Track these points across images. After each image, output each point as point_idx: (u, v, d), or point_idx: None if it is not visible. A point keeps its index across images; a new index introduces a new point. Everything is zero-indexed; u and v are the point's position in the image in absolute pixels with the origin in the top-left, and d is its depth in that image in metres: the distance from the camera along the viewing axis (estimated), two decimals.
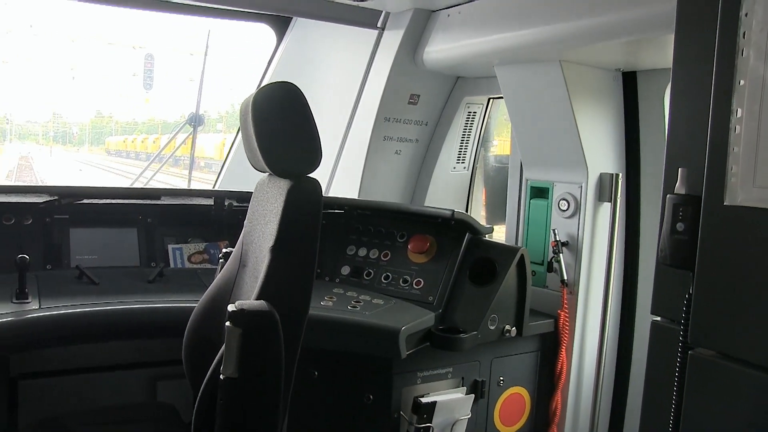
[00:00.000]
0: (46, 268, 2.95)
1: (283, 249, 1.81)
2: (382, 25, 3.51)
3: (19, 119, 36.30)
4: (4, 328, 2.29)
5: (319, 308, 2.71)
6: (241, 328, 1.64)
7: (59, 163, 28.51)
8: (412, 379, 2.74)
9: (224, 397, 1.68)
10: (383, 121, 3.58)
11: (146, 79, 17.39)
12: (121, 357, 2.82)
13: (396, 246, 3.08)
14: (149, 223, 3.23)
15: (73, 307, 2.49)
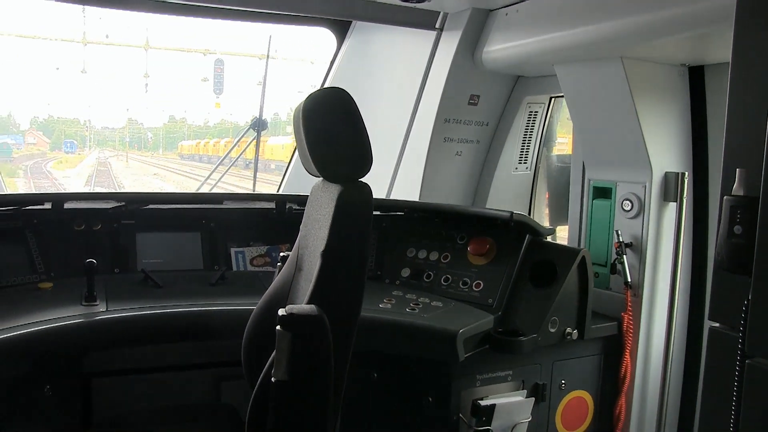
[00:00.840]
0: (114, 272, 3.07)
1: (334, 254, 1.83)
2: (441, 25, 3.51)
3: (97, 126, 37.92)
4: (75, 329, 2.40)
5: (377, 310, 2.73)
6: (291, 332, 1.67)
7: (135, 168, 29.60)
8: (471, 381, 2.73)
9: (275, 399, 1.71)
10: (443, 123, 3.57)
11: (216, 84, 17.86)
12: (187, 358, 2.89)
13: (456, 248, 3.08)
14: (212, 227, 3.31)
15: (138, 310, 2.58)
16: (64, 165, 28.85)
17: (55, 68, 33.21)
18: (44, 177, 22.90)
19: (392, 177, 3.88)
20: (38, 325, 2.34)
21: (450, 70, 3.45)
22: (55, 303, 2.57)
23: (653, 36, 2.54)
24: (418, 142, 3.71)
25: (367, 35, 4.04)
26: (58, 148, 33.27)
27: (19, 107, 45.51)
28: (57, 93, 51.58)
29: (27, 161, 27.55)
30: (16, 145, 29.36)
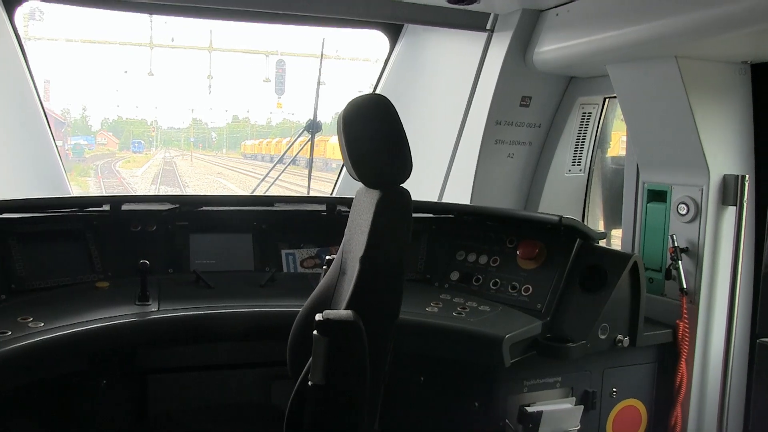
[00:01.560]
0: (168, 272, 3.15)
1: (372, 259, 1.84)
2: (491, 27, 3.47)
3: (164, 126, 39.10)
4: (128, 328, 2.49)
5: (424, 314, 2.73)
6: (327, 336, 1.68)
7: (199, 167, 30.34)
8: (518, 387, 2.69)
9: (312, 402, 1.73)
10: (494, 125, 3.54)
11: (278, 84, 18.12)
12: (239, 357, 2.95)
13: (505, 252, 3.04)
14: (264, 228, 3.36)
15: (188, 310, 2.65)
16: (132, 164, 29.85)
17: (124, 71, 34.47)
18: (113, 176, 23.73)
19: (444, 180, 3.86)
20: (94, 323, 2.44)
21: (501, 72, 3.41)
22: (111, 302, 2.66)
23: (709, 33, 2.44)
24: (469, 144, 3.68)
25: (419, 37, 4.03)
26: (127, 148, 34.48)
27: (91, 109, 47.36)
28: (125, 95, 53.50)
29: (98, 161, 28.64)
30: (88, 146, 30.54)
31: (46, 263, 2.87)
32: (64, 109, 31.95)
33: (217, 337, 2.75)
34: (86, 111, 35.26)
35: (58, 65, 42.88)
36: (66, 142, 26.53)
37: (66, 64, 50.08)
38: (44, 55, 36.48)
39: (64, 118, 28.27)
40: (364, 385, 1.74)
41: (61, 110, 30.23)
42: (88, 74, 60.71)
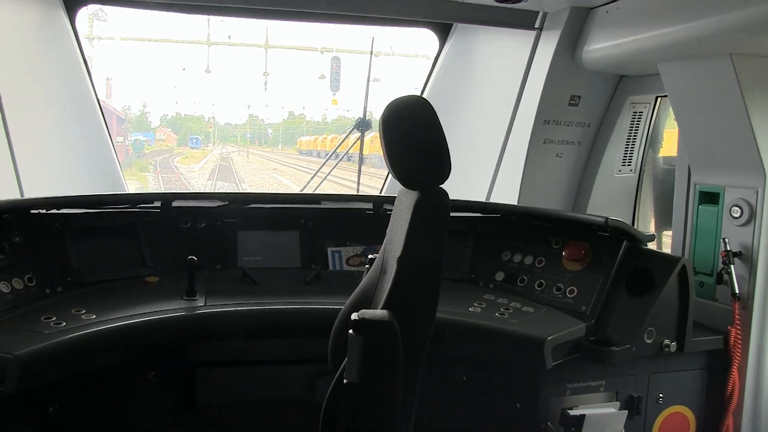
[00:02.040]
0: (216, 268, 3.22)
1: (409, 260, 1.85)
2: (540, 25, 3.43)
3: (221, 123, 39.88)
4: (176, 322, 2.57)
5: (466, 314, 2.72)
6: (362, 336, 1.70)
7: (255, 163, 30.81)
8: (560, 389, 2.66)
9: (347, 400, 1.75)
10: (542, 124, 3.49)
11: (333, 81, 18.29)
12: (284, 353, 3.00)
13: (551, 253, 3.01)
14: (310, 226, 3.40)
15: (234, 306, 2.72)
16: (190, 160, 30.50)
17: (182, 69, 35.25)
18: (171, 171, 24.29)
19: (492, 179, 3.84)
20: (143, 316, 2.53)
21: (549, 71, 3.37)
22: (159, 296, 2.74)
23: (766, 30, 2.36)
24: (517, 144, 3.65)
25: (468, 36, 4.01)
26: (185, 143, 35.27)
27: (150, 106, 48.63)
28: (184, 92, 54.86)
29: (157, 156, 29.35)
30: (148, 142, 31.35)
31: (100, 258, 2.98)
32: (125, 106, 32.93)
33: (262, 333, 2.81)
34: (146, 108, 36.19)
35: (120, 63, 44.20)
36: (126, 138, 27.31)
37: (127, 62, 51.61)
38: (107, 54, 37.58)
39: (124, 114, 29.10)
40: (398, 384, 1.75)
41: (122, 107, 31.17)
42: (148, 72, 62.43)
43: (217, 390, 2.97)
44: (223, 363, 2.97)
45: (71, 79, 3.79)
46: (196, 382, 2.94)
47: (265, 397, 2.97)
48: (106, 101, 25.09)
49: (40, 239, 2.83)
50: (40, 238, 2.83)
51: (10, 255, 2.67)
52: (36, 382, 2.24)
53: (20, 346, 2.17)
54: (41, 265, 2.77)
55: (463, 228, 3.28)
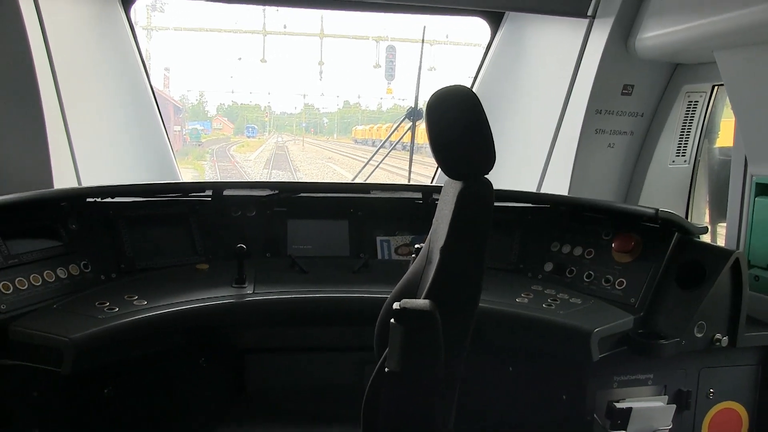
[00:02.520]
0: (266, 256, 3.29)
1: (452, 251, 1.86)
2: (593, 13, 3.36)
3: (276, 112, 40.37)
4: (224, 308, 2.65)
5: (513, 305, 2.72)
6: (403, 326, 1.72)
7: (311, 152, 31.11)
8: (607, 382, 2.64)
9: (387, 389, 1.78)
10: (594, 114, 3.44)
11: (388, 70, 18.30)
12: (332, 341, 3.05)
13: (600, 244, 2.97)
14: (360, 215, 3.44)
15: (282, 294, 2.78)
16: (246, 149, 31.00)
17: (238, 59, 35.80)
18: (227, 160, 24.76)
19: (543, 169, 3.81)
20: (193, 303, 2.61)
21: (601, 59, 3.31)
22: (209, 284, 2.83)
23: None
24: (568, 134, 3.60)
25: (520, 25, 3.98)
26: (241, 132, 35.86)
27: (208, 95, 49.61)
28: (239, 81, 55.78)
29: (213, 145, 29.94)
30: (204, 131, 31.99)
31: (152, 245, 3.08)
32: (182, 95, 33.66)
33: (310, 320, 2.86)
34: (203, 97, 36.94)
35: (178, 54, 45.17)
36: (183, 128, 27.93)
37: (184, 53, 52.67)
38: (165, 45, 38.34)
39: (182, 104, 29.74)
40: (438, 375, 1.76)
41: (180, 96, 31.84)
42: (205, 62, 63.61)
43: (266, 376, 3.04)
44: (272, 349, 3.04)
45: (127, 71, 3.92)
46: (246, 368, 3.02)
47: (314, 383, 3.03)
48: (163, 91, 25.79)
49: (95, 227, 2.95)
50: (95, 226, 2.95)
51: (67, 242, 2.79)
52: (90, 364, 2.33)
53: (75, 329, 2.28)
54: (96, 252, 2.88)
55: (512, 218, 3.27)
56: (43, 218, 2.80)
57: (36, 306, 2.49)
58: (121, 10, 3.80)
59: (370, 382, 1.93)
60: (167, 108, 25.95)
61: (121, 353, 2.47)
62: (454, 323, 1.83)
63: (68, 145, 3.42)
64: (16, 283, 2.49)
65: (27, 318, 2.39)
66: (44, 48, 3.17)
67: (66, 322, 2.35)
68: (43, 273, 2.61)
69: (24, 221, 2.71)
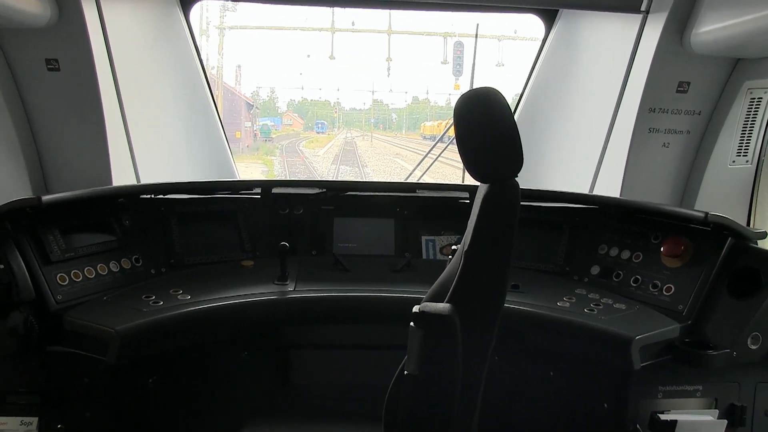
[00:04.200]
0: (312, 254, 3.33)
1: (475, 254, 1.83)
2: (646, 8, 3.23)
3: (346, 108, 40.76)
4: (264, 305, 2.71)
5: (553, 309, 2.66)
6: (422, 329, 1.71)
7: (379, 147, 31.25)
8: (651, 392, 2.55)
9: (406, 392, 1.77)
10: (647, 112, 3.32)
11: (456, 66, 18.21)
12: (372, 339, 3.06)
13: (649, 247, 2.87)
14: (405, 214, 3.43)
15: (322, 292, 2.81)
16: (315, 144, 31.42)
17: (307, 56, 36.31)
18: (296, 155, 25.15)
19: (595, 170, 3.69)
20: (234, 299, 2.68)
21: (655, 56, 3.17)
22: (252, 280, 2.88)
23: None
24: (622, 133, 3.48)
25: (574, 21, 3.87)
26: (311, 128, 36.38)
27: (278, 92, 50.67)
28: (309, 78, 56.67)
29: (283, 141, 30.48)
30: (275, 126, 32.60)
31: (201, 241, 3.17)
32: (254, 91, 34.37)
33: (348, 318, 2.88)
34: (274, 93, 37.58)
35: (250, 51, 46.19)
36: (254, 123, 28.52)
37: (256, 50, 53.80)
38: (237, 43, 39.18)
39: (253, 100, 30.36)
40: (457, 379, 1.75)
41: (252, 93, 32.51)
42: (276, 58, 64.82)
43: (306, 371, 3.09)
44: (312, 345, 3.08)
45: (186, 73, 4.03)
46: (289, 363, 3.07)
47: (352, 381, 3.05)
48: (235, 88, 26.42)
49: (147, 223, 3.05)
50: (147, 222, 3.05)
51: (120, 237, 2.91)
52: (135, 355, 2.44)
53: (120, 321, 2.39)
54: (148, 247, 2.99)
55: (559, 220, 3.20)
56: (99, 214, 2.92)
57: (89, 297, 2.63)
58: (180, 12, 3.91)
59: (391, 384, 1.93)
60: (239, 104, 26.60)
61: (163, 345, 2.57)
62: (476, 328, 1.81)
63: (127, 144, 3.55)
64: (71, 275, 2.64)
65: (79, 309, 2.53)
66: (105, 51, 3.30)
67: (113, 314, 2.47)
68: (96, 266, 2.75)
69: (81, 217, 2.84)
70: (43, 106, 3.29)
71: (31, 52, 3.15)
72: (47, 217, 2.68)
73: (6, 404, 2.50)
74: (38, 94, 3.27)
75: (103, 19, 3.22)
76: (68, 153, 3.39)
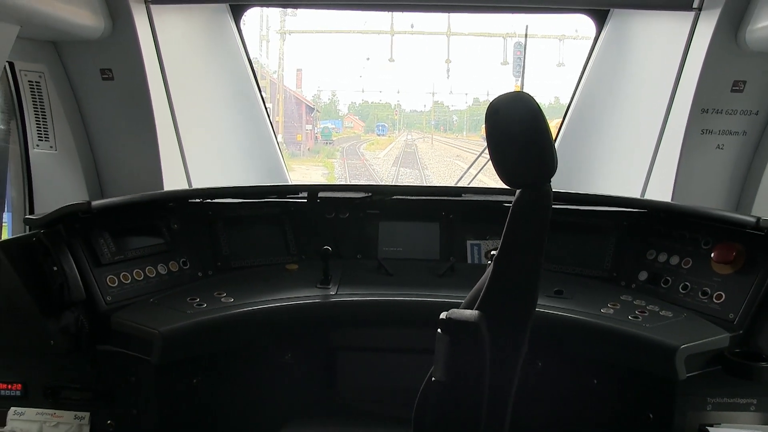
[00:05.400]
0: (357, 257, 3.34)
1: (505, 260, 1.80)
2: (699, 5, 3.13)
3: (406, 110, 40.78)
4: (307, 308, 2.75)
5: (596, 316, 2.61)
6: (449, 335, 1.70)
7: (439, 149, 31.13)
8: (700, 404, 2.46)
9: (434, 397, 1.76)
10: (700, 113, 3.21)
11: (516, 67, 18.04)
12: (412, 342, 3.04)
13: (699, 253, 2.77)
14: (451, 218, 3.41)
15: (363, 296, 2.84)
16: (375, 146, 31.50)
17: (366, 58, 36.56)
18: (356, 158, 25.27)
19: (647, 172, 3.59)
20: (275, 302, 2.73)
21: (707, 54, 3.07)
22: (295, 284, 2.93)
23: None
24: (674, 134, 3.38)
25: (625, 21, 3.79)
26: (371, 131, 36.51)
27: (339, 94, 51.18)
28: (369, 80, 57.12)
29: (344, 143, 30.67)
30: (335, 129, 32.87)
31: (247, 245, 3.22)
32: (315, 94, 34.79)
33: (390, 322, 2.89)
34: (335, 96, 37.94)
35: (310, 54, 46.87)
36: (315, 126, 28.82)
37: (316, 53, 54.54)
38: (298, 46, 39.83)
39: (314, 103, 30.71)
40: (483, 386, 1.73)
41: (312, 96, 32.89)
42: (336, 62, 65.57)
43: (350, 374, 3.10)
44: (355, 348, 3.09)
45: (237, 79, 4.12)
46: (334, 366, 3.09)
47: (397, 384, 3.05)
48: (296, 91, 26.78)
49: (195, 226, 3.13)
50: (195, 226, 3.13)
51: (168, 240, 2.99)
52: (178, 355, 2.52)
53: (164, 323, 2.48)
54: (195, 250, 3.06)
55: (607, 224, 3.13)
56: (149, 218, 3.02)
57: (136, 299, 2.73)
58: (231, 20, 4.00)
59: (420, 390, 1.92)
60: (300, 107, 26.95)
61: (206, 346, 2.64)
62: (505, 335, 1.79)
63: (179, 150, 3.65)
64: (121, 277, 2.74)
65: (127, 310, 2.63)
66: (157, 60, 3.41)
67: (158, 316, 2.56)
68: (145, 269, 2.84)
69: (131, 221, 2.94)
70: (98, 114, 3.44)
71: (87, 62, 3.29)
72: (98, 222, 2.78)
73: (61, 399, 2.62)
74: (94, 103, 3.41)
75: (155, 29, 3.33)
76: (122, 159, 3.52)
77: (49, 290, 2.50)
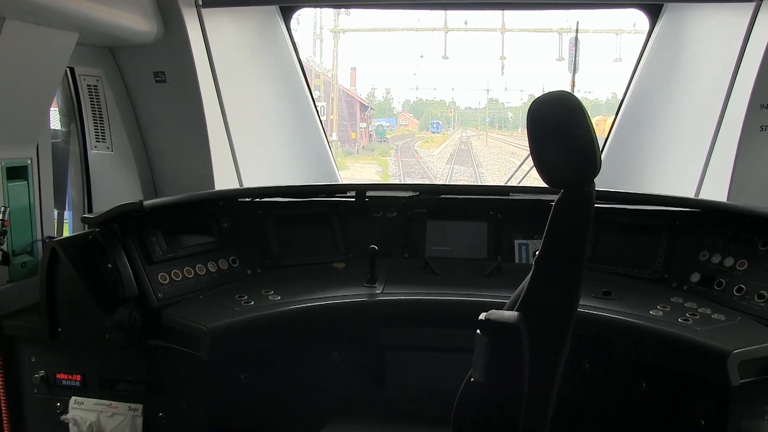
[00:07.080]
0: (404, 256, 3.35)
1: (546, 261, 1.78)
2: None
3: (461, 107, 40.55)
4: (352, 307, 2.77)
5: (645, 318, 2.54)
6: (487, 336, 1.69)
7: (494, 147, 30.84)
8: (757, 411, 2.37)
9: (473, 398, 1.75)
10: (759, 109, 3.09)
11: (570, 63, 17.76)
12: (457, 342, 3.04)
13: (756, 255, 2.68)
14: (498, 218, 3.38)
15: (408, 294, 2.84)
16: (430, 144, 31.43)
17: (420, 56, 36.46)
18: (411, 156, 25.25)
19: (702, 170, 3.48)
20: (321, 300, 2.76)
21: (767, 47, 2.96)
22: (341, 282, 2.96)
23: None
24: (730, 132, 3.26)
25: (679, 14, 3.68)
26: (426, 128, 36.45)
27: (393, 92, 51.27)
28: (423, 78, 57.01)
29: (398, 141, 30.69)
30: (390, 127, 32.92)
31: (296, 243, 3.27)
32: (369, 92, 34.94)
33: (435, 321, 2.88)
34: (389, 94, 38.07)
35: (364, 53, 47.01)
36: (369, 124, 28.93)
37: (370, 52, 54.72)
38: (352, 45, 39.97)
39: (368, 101, 30.82)
40: (522, 387, 1.71)
41: (366, 94, 33.03)
42: (389, 60, 65.73)
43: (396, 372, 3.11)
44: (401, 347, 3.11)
45: (287, 79, 4.17)
46: (383, 364, 3.11)
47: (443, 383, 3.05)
48: (350, 90, 26.96)
49: (245, 225, 3.19)
50: (245, 225, 3.19)
51: (218, 239, 3.06)
52: (226, 351, 2.57)
53: (212, 319, 2.53)
54: (244, 248, 3.13)
55: (658, 224, 3.05)
56: (199, 217, 3.09)
57: (186, 296, 2.80)
58: (281, 21, 4.05)
59: (460, 391, 1.92)
60: (354, 106, 27.11)
61: (254, 343, 2.69)
62: (545, 336, 1.77)
63: (230, 150, 3.73)
64: (172, 274, 2.81)
65: (177, 306, 2.70)
66: (208, 62, 3.49)
67: (207, 313, 2.62)
68: (195, 266, 2.91)
69: (183, 219, 3.02)
70: (152, 115, 3.53)
71: (141, 66, 3.39)
72: (151, 220, 2.86)
73: (116, 390, 2.72)
74: (148, 105, 3.51)
75: (206, 32, 3.40)
76: (175, 158, 3.61)
77: (105, 286, 2.59)
